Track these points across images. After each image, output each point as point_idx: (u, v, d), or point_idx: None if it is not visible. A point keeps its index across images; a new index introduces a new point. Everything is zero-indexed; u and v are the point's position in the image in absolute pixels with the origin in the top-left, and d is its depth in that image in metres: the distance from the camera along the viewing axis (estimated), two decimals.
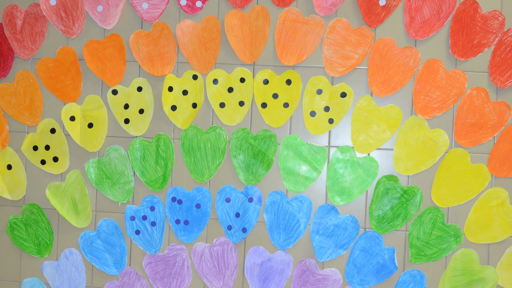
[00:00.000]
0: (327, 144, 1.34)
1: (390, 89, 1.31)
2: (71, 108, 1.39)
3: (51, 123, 1.40)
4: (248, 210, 1.36)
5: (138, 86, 1.38)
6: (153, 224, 1.38)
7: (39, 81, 1.40)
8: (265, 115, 1.36)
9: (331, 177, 1.34)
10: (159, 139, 1.37)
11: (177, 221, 1.38)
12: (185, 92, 1.37)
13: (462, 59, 1.30)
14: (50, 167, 1.40)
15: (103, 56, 1.38)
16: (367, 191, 1.33)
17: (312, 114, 1.34)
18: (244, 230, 1.36)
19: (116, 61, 1.38)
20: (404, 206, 1.31)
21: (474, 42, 1.29)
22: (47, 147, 1.41)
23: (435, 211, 1.30)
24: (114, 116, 1.39)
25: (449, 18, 1.29)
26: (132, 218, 1.38)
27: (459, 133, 1.30)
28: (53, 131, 1.40)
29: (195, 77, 1.37)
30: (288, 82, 1.34)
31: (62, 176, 1.40)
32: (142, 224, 1.39)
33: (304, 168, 1.34)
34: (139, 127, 1.38)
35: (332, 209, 1.34)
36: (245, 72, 1.35)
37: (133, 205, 1.39)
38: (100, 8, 1.38)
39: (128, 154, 1.38)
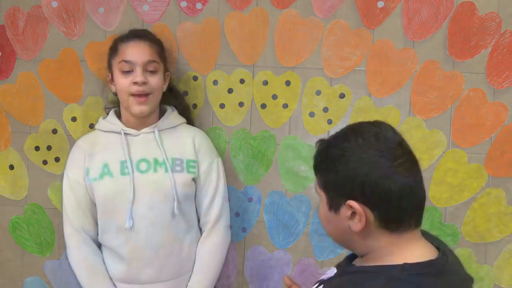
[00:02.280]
0: None
1: (388, 90, 1.32)
2: (73, 109, 1.41)
3: (53, 123, 1.42)
4: (247, 210, 1.37)
5: None
6: None
7: (41, 82, 1.42)
8: (264, 116, 1.37)
9: None
10: None
11: None
12: (185, 93, 1.38)
13: (459, 60, 1.31)
14: (52, 167, 1.42)
15: (104, 57, 1.39)
16: None
17: (311, 114, 1.35)
18: (244, 229, 1.38)
19: None
20: None
21: (472, 44, 1.30)
22: (48, 148, 1.42)
23: (432, 211, 1.31)
24: None
25: (446, 20, 1.31)
26: None
27: (456, 134, 1.31)
28: (54, 131, 1.42)
29: (195, 78, 1.38)
30: (288, 83, 1.36)
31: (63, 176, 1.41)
32: None
33: (303, 168, 1.36)
34: None
35: None
36: (245, 73, 1.37)
37: None
38: (101, 10, 1.39)
39: None
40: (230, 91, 1.37)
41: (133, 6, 1.39)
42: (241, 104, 1.37)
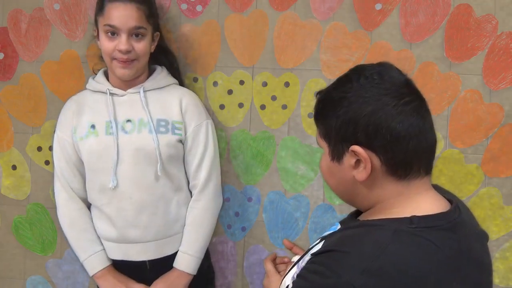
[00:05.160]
0: None
1: None
2: None
3: (55, 124, 1.43)
4: (247, 210, 1.39)
5: None
6: None
7: (43, 83, 1.43)
8: (264, 117, 1.39)
9: None
10: None
11: None
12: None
13: (456, 62, 1.32)
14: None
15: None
16: None
17: (310, 115, 1.37)
18: (243, 229, 1.39)
19: None
20: None
21: (468, 45, 1.32)
22: (51, 148, 1.43)
23: None
24: None
25: (443, 22, 1.32)
26: None
27: (453, 135, 1.33)
28: None
29: (195, 79, 1.40)
30: (287, 84, 1.37)
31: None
32: None
33: (302, 169, 1.37)
34: None
35: (330, 208, 1.37)
36: (245, 75, 1.38)
37: None
38: None
39: None
40: (230, 92, 1.39)
41: None
42: (240, 105, 1.39)
